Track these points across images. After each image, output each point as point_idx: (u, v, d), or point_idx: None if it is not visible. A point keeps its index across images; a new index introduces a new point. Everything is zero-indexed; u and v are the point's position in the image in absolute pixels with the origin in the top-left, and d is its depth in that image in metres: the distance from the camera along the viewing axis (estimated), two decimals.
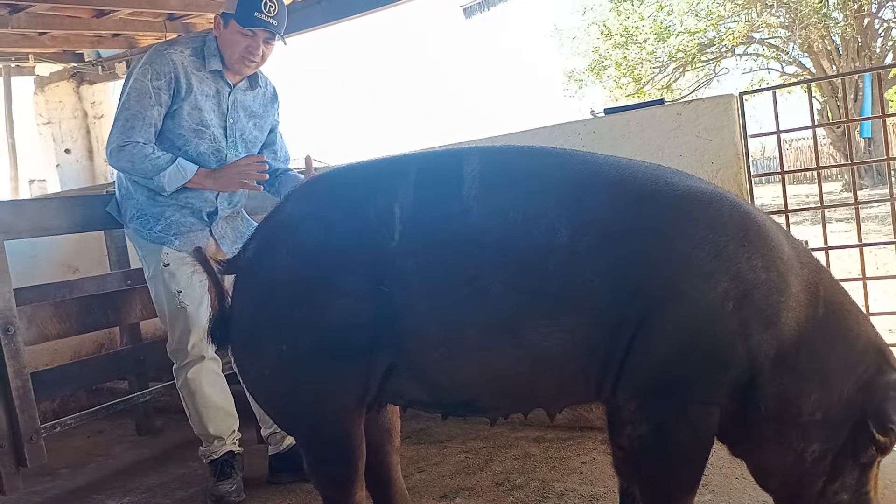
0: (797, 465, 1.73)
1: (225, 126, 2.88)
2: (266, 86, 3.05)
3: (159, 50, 2.80)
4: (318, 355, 1.81)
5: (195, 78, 2.80)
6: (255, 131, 3.01)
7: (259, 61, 2.85)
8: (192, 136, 2.81)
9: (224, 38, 2.82)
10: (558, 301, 1.68)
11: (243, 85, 2.93)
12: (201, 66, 2.82)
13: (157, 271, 2.85)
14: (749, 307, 1.64)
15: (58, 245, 4.55)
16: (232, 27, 2.78)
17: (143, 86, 2.73)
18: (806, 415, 1.69)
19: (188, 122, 2.79)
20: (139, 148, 2.72)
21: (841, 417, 1.70)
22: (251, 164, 2.79)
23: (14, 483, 2.69)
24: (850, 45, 16.11)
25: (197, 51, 2.84)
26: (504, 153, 1.91)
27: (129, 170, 2.78)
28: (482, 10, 8.62)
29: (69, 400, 4.54)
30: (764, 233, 1.72)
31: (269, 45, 2.85)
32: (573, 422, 3.20)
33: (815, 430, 1.70)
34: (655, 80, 18.11)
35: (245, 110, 2.95)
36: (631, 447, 1.74)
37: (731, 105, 3.05)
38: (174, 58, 2.76)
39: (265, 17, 2.74)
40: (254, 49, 2.79)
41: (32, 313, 3.03)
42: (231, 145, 2.90)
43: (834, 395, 1.69)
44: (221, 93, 2.87)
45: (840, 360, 1.71)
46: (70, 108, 7.14)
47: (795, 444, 1.71)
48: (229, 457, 2.92)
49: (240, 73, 2.88)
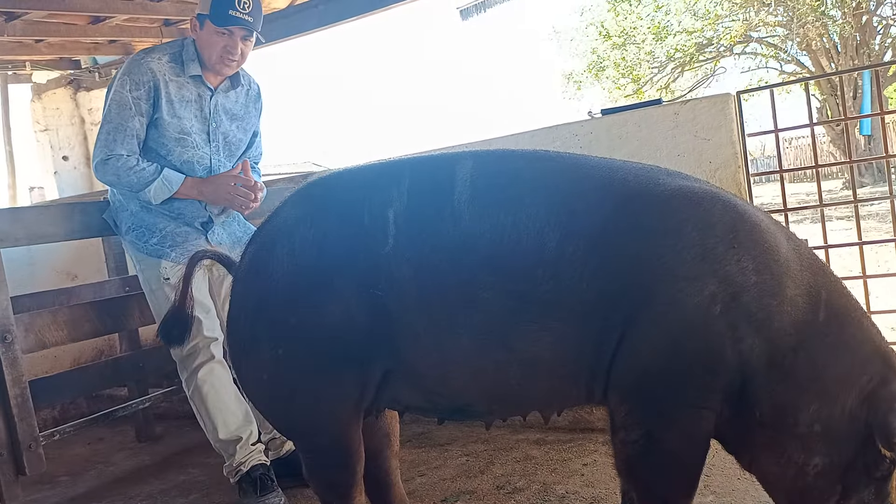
0: (798, 479, 1.67)
1: (207, 131, 2.86)
2: (249, 84, 3.02)
3: (136, 59, 2.78)
4: (314, 360, 1.81)
5: (175, 84, 2.78)
6: (239, 133, 2.98)
7: (239, 60, 2.82)
8: (175, 146, 2.79)
9: (201, 40, 2.80)
10: (547, 306, 1.66)
11: (224, 86, 2.90)
12: (180, 71, 2.80)
13: (158, 285, 2.82)
14: (738, 310, 1.60)
15: (56, 252, 4.56)
16: (208, 28, 2.75)
17: (122, 97, 2.72)
18: (803, 426, 1.63)
19: (170, 132, 2.77)
20: (123, 160, 2.71)
21: (845, 432, 1.63)
22: (240, 189, 2.78)
23: (13, 491, 2.68)
24: (848, 42, 16.10)
25: (175, 56, 2.82)
26: (497, 157, 1.90)
27: (116, 183, 2.77)
28: (478, 11, 8.63)
29: (69, 407, 4.53)
30: (757, 234, 1.67)
31: (248, 42, 2.82)
32: (574, 424, 3.19)
33: (816, 442, 1.63)
34: (654, 80, 18.12)
35: (227, 113, 2.92)
36: (624, 452, 1.72)
37: (729, 104, 3.05)
38: (152, 66, 2.75)
39: (240, 15, 2.71)
40: (232, 48, 2.77)
41: (30, 321, 3.02)
42: (215, 150, 2.88)
43: (835, 408, 1.62)
44: (203, 97, 2.85)
45: (841, 370, 1.64)
46: (67, 115, 7.14)
47: (795, 456, 1.65)
48: (264, 469, 2.81)
49: (221, 73, 2.85)
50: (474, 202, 1.73)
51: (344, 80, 65.34)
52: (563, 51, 20.47)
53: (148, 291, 2.90)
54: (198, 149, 2.83)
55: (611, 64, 18.47)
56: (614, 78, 18.61)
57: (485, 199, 1.74)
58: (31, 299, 3.06)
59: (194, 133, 2.82)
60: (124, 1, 5.43)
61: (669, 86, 18.18)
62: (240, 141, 2.99)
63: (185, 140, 2.80)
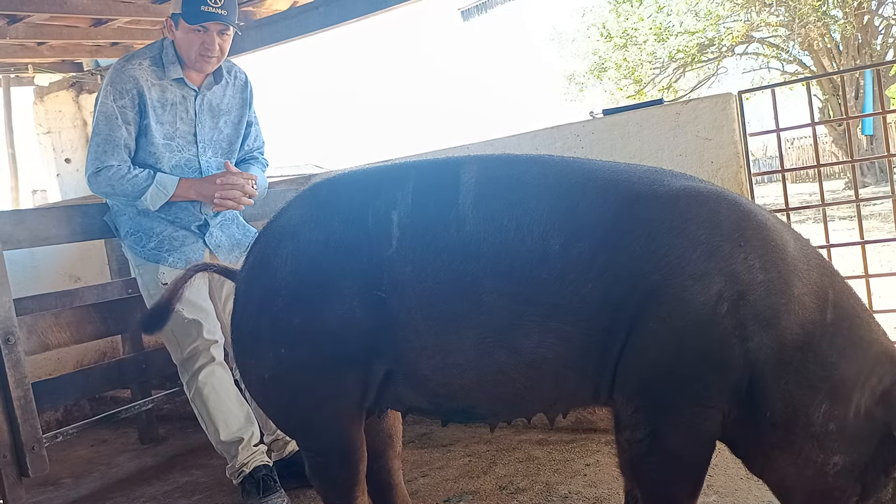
0: (819, 479, 1.66)
1: (194, 133, 2.85)
2: (234, 75, 2.99)
3: (117, 68, 2.77)
4: (316, 360, 1.82)
5: (157, 89, 2.78)
6: (228, 129, 2.95)
7: (219, 55, 2.80)
8: (163, 151, 2.78)
9: (178, 40, 2.78)
10: (552, 307, 1.66)
11: (207, 84, 2.88)
12: (162, 74, 2.79)
13: (157, 290, 2.81)
14: (745, 308, 1.60)
15: (59, 254, 4.57)
16: (183, 27, 2.74)
17: (107, 108, 2.71)
18: (817, 425, 1.62)
19: (157, 137, 2.76)
20: (114, 171, 2.71)
21: (863, 431, 1.63)
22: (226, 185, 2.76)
23: (17, 493, 2.69)
24: (850, 42, 16.11)
25: (156, 60, 2.80)
26: (501, 161, 1.90)
27: (111, 194, 2.77)
28: (480, 12, 8.62)
29: (72, 409, 4.55)
30: (764, 232, 1.67)
31: (225, 36, 2.79)
32: (576, 424, 3.19)
33: (833, 441, 1.63)
34: (656, 81, 18.11)
35: (213, 111, 2.90)
36: (630, 451, 1.72)
37: (730, 104, 3.04)
38: (133, 73, 2.74)
39: (212, 9, 2.68)
40: (209, 44, 2.75)
41: (33, 323, 3.03)
42: (202, 151, 2.86)
43: (849, 407, 1.62)
44: (188, 98, 2.84)
45: (852, 370, 1.63)
46: (70, 118, 7.14)
47: (813, 455, 1.64)
48: (267, 470, 2.81)
49: (203, 70, 2.83)
50: (479, 205, 1.74)
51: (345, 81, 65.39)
52: (565, 52, 20.45)
53: (146, 296, 2.89)
54: (184, 151, 2.83)
55: (612, 65, 18.46)
56: (616, 79, 18.61)
57: (489, 202, 1.74)
58: (34, 301, 3.06)
59: (178, 136, 2.81)
60: (126, 3, 5.43)
61: (671, 86, 18.16)
62: (229, 136, 2.96)
63: (172, 145, 2.80)
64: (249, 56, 6.01)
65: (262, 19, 5.86)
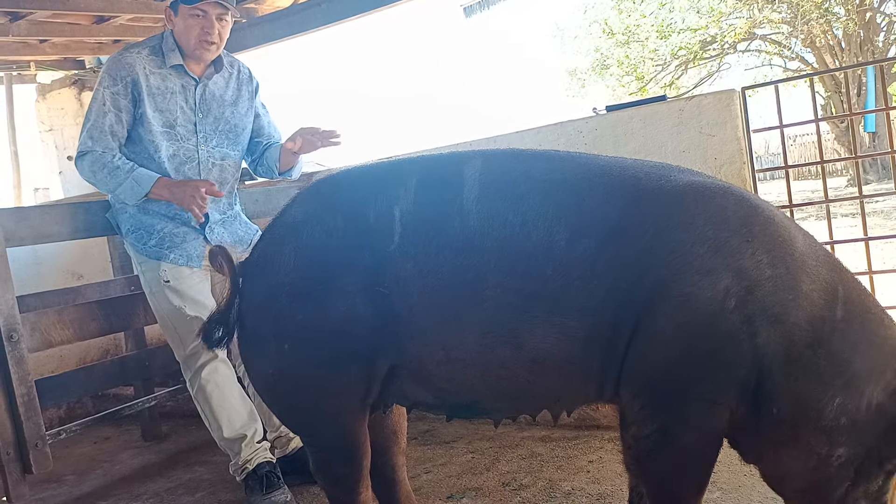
0: (821, 469, 1.66)
1: (194, 122, 2.83)
2: (238, 69, 2.99)
3: (115, 56, 2.77)
4: (319, 355, 1.82)
5: (156, 77, 2.77)
6: (234, 119, 2.93)
7: (218, 42, 2.79)
8: (161, 140, 2.77)
9: (178, 28, 2.78)
10: (557, 303, 1.66)
11: (208, 74, 2.87)
12: (161, 63, 2.79)
13: (159, 288, 2.81)
14: (753, 304, 1.59)
15: (61, 252, 4.57)
16: (182, 12, 2.73)
17: (99, 94, 2.72)
18: (828, 419, 1.62)
19: (155, 126, 2.75)
20: (96, 156, 2.71)
21: (871, 424, 1.63)
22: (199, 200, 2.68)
23: (20, 490, 2.69)
24: (852, 39, 16.06)
25: (155, 49, 2.80)
26: (505, 157, 1.90)
27: (91, 179, 2.77)
28: (482, 9, 8.60)
29: (75, 406, 4.55)
30: (772, 228, 1.66)
31: (224, 21, 2.78)
32: (579, 421, 3.19)
33: (842, 434, 1.63)
34: (658, 78, 18.09)
35: (216, 100, 2.88)
36: (636, 447, 1.71)
37: (734, 100, 3.04)
38: (130, 60, 2.73)
39: None
40: (209, 28, 2.74)
41: (36, 320, 3.02)
42: (202, 141, 2.84)
43: (861, 401, 1.62)
44: (187, 88, 2.82)
45: (865, 365, 1.63)
46: (72, 115, 7.15)
47: (819, 447, 1.64)
48: (270, 466, 2.81)
49: (202, 58, 2.81)
50: (482, 201, 1.73)
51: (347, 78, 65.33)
52: (567, 49, 20.44)
53: (149, 293, 2.88)
54: (184, 141, 2.81)
55: (614, 62, 18.44)
56: (618, 76, 18.58)
57: (493, 198, 1.74)
58: (36, 299, 3.06)
59: (178, 125, 2.80)
60: (128, 0, 5.43)
61: (673, 83, 18.13)
62: (235, 126, 2.94)
63: (171, 133, 2.79)
64: (252, 53, 6.01)
65: (265, 16, 5.87)
